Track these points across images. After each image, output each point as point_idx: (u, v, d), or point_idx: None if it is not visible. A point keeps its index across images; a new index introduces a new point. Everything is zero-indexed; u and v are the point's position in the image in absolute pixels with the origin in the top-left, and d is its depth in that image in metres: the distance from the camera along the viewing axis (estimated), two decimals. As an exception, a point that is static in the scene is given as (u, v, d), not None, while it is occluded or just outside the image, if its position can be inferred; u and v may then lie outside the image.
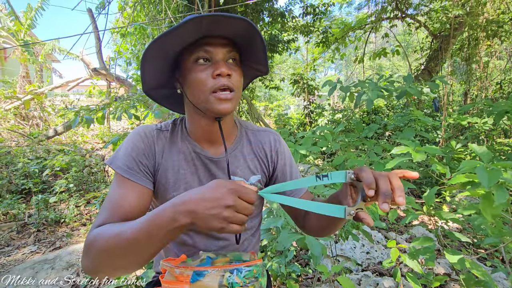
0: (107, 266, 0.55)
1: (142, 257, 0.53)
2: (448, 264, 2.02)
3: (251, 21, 0.62)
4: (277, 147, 0.83)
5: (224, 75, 0.63)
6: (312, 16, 6.02)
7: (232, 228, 0.50)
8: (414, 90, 1.59)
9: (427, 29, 5.78)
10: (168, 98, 0.79)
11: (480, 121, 3.23)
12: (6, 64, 11.33)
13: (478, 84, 6.07)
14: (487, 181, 0.76)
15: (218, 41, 0.65)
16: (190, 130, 0.76)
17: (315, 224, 0.75)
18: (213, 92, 0.64)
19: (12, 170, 3.99)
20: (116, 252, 0.53)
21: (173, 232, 0.51)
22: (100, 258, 0.55)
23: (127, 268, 0.56)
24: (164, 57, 0.65)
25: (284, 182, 0.81)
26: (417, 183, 3.73)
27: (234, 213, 0.50)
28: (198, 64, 0.65)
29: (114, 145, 2.03)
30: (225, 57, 0.66)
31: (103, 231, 0.56)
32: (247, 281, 0.65)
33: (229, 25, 0.61)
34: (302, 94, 8.88)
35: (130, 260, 0.54)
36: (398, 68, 15.90)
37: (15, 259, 2.47)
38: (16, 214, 3.17)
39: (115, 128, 8.25)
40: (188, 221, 0.50)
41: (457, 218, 1.19)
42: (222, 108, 0.65)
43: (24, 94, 6.90)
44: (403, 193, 0.45)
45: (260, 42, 0.67)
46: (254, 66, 0.76)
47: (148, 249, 0.52)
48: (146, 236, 0.51)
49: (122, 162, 0.68)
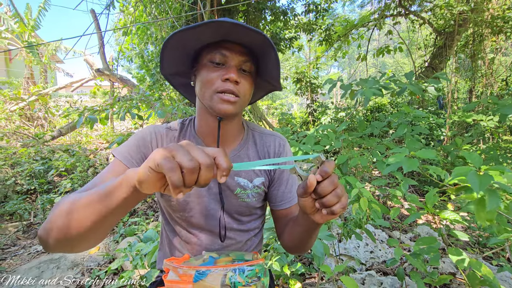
0: (60, 226, 0.49)
1: (97, 218, 0.47)
2: (453, 263, 2.00)
3: (266, 35, 0.63)
4: (281, 151, 0.83)
5: (232, 80, 0.65)
6: (315, 14, 5.99)
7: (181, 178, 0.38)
8: (415, 87, 1.56)
9: (431, 26, 5.72)
10: (184, 86, 0.83)
11: (486, 119, 3.20)
12: (11, 65, 11.46)
13: (483, 81, 6.00)
14: (478, 186, 0.75)
15: (236, 48, 0.67)
16: (198, 129, 0.78)
17: (288, 235, 0.75)
18: (218, 93, 0.66)
19: (18, 171, 4.04)
20: (71, 208, 0.49)
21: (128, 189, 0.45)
22: (54, 216, 0.50)
23: (79, 235, 0.49)
24: (183, 49, 0.68)
25: (280, 187, 0.81)
26: (421, 181, 3.70)
27: (188, 153, 0.39)
28: (213, 64, 0.68)
29: (118, 145, 2.04)
30: (239, 64, 0.68)
31: (68, 195, 0.54)
32: (250, 280, 0.65)
33: (246, 35, 0.64)
34: (305, 93, 8.84)
35: (82, 221, 0.48)
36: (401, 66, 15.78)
37: (22, 259, 2.50)
38: (22, 214, 3.20)
39: (119, 128, 8.30)
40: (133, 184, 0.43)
41: (459, 218, 1.18)
42: (223, 108, 0.67)
43: (28, 95, 6.97)
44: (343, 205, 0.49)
45: (274, 58, 0.68)
46: (270, 80, 0.78)
47: (103, 208, 0.47)
48: (105, 193, 0.46)
49: (125, 150, 0.70)
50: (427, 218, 3.09)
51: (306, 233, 0.66)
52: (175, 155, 0.39)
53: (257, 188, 0.79)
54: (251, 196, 0.79)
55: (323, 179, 0.48)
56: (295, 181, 0.84)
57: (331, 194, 0.48)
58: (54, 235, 0.50)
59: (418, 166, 1.08)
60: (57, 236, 0.50)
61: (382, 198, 3.26)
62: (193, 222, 0.77)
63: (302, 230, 0.65)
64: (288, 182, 0.82)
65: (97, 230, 0.50)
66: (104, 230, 0.51)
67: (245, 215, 0.81)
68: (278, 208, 0.81)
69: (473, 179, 0.78)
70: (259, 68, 0.74)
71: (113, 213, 0.48)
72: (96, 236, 0.51)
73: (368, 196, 1.38)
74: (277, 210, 0.82)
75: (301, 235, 0.67)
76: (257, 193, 0.80)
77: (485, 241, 2.37)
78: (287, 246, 0.78)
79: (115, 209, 0.47)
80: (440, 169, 1.16)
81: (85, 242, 0.52)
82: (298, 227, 0.66)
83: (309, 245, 0.71)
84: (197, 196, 0.75)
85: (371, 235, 1.46)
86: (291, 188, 0.82)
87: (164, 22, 4.54)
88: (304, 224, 0.62)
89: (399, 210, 1.46)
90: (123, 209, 0.47)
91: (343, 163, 1.75)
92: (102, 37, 5.70)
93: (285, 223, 0.80)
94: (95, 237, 0.52)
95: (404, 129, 1.77)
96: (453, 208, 2.78)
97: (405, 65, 17.05)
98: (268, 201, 0.84)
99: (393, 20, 5.88)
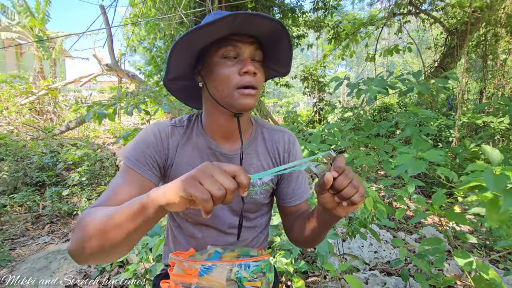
0: (94, 243, 0.52)
1: (129, 235, 0.51)
2: (459, 266, 1.98)
3: (282, 22, 0.62)
4: (290, 148, 0.83)
5: (251, 73, 0.64)
6: (324, 11, 5.93)
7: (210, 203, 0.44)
8: (422, 87, 1.53)
9: (442, 25, 5.61)
10: (184, 90, 0.80)
11: (496, 120, 3.13)
12: (22, 59, 11.64)
13: (495, 82, 5.88)
14: (493, 185, 0.73)
15: (246, 39, 0.66)
16: (206, 126, 0.77)
17: (300, 230, 0.74)
18: (238, 89, 0.65)
19: (28, 163, 4.11)
20: (104, 228, 0.51)
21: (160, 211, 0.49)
22: (87, 234, 0.52)
23: (112, 248, 0.52)
24: (190, 49, 0.66)
25: (290, 184, 0.82)
26: (428, 183, 3.66)
27: (216, 182, 0.44)
28: (225, 59, 0.66)
29: (125, 140, 2.06)
30: (252, 55, 0.67)
31: (94, 210, 0.56)
32: (255, 276, 0.66)
33: (261, 25, 0.62)
34: (312, 92, 8.79)
35: (116, 238, 0.51)
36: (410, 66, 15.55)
37: (30, 249, 2.56)
38: (31, 206, 3.27)
39: (126, 123, 8.38)
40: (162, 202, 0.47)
41: (466, 220, 1.16)
42: (245, 103, 0.66)
43: (38, 89, 7.08)
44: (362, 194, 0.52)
45: (287, 43, 0.68)
46: (273, 66, 0.77)
47: (134, 227, 0.50)
48: (133, 215, 0.50)
49: (131, 154, 0.69)
50: (433, 220, 3.06)
51: (324, 228, 0.67)
52: (203, 183, 0.44)
53: (266, 185, 0.80)
54: (259, 193, 0.79)
55: (339, 174, 0.50)
56: (305, 178, 0.85)
57: (348, 186, 0.51)
58: (89, 251, 0.53)
59: (425, 168, 1.07)
60: (92, 251, 0.53)
61: (387, 199, 3.23)
62: (199, 219, 0.78)
63: (320, 225, 0.66)
64: (298, 179, 0.82)
65: (129, 242, 0.54)
66: (136, 239, 0.54)
67: (253, 212, 0.81)
68: (288, 205, 0.82)
69: (488, 178, 0.76)
70: (267, 54, 0.73)
71: (143, 228, 0.52)
72: (129, 246, 0.55)
73: (373, 196, 1.38)
74: (287, 206, 0.82)
75: (318, 230, 0.68)
76: (265, 190, 0.80)
77: (492, 244, 2.33)
78: (298, 241, 0.79)
79: (144, 225, 0.51)
80: (448, 170, 1.14)
81: (118, 253, 0.55)
82: (315, 222, 0.67)
83: (322, 238, 0.73)
84: None
85: (376, 235, 1.45)
86: (301, 185, 0.83)
87: (173, 18, 4.55)
88: (324, 219, 0.63)
89: (405, 211, 1.44)
90: (152, 223, 0.52)
91: (349, 162, 1.74)
92: (111, 34, 5.75)
93: (295, 219, 0.80)
94: (128, 247, 0.55)
95: (412, 129, 1.75)
96: (460, 211, 2.75)
97: (414, 65, 16.77)
98: (278, 198, 0.84)
99: (403, 19, 5.78)
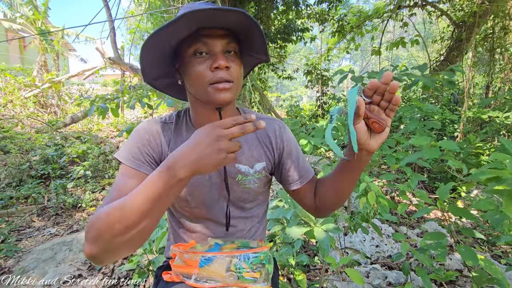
0: (109, 241, 0.51)
1: (146, 224, 0.52)
2: (460, 260, 1.98)
3: (247, 12, 0.60)
4: (282, 133, 0.83)
5: (222, 67, 0.63)
6: (328, 4, 5.85)
7: (231, 157, 0.52)
8: (427, 80, 1.51)
9: (449, 18, 5.51)
10: (171, 87, 0.80)
11: (502, 115, 3.09)
12: (25, 53, 11.66)
13: (502, 76, 5.78)
14: None
15: (216, 32, 0.64)
16: (194, 120, 0.78)
17: (330, 188, 0.77)
18: (211, 84, 0.64)
19: (33, 156, 4.16)
20: (118, 224, 0.51)
21: (177, 187, 0.52)
22: (102, 233, 0.52)
23: (131, 241, 0.53)
24: (161, 49, 0.65)
25: (291, 166, 0.82)
26: (431, 178, 3.64)
27: (227, 141, 0.51)
28: (196, 57, 0.64)
29: (127, 133, 2.07)
30: (223, 48, 0.65)
31: (104, 208, 0.55)
32: (254, 267, 0.66)
33: (226, 18, 0.61)
34: (316, 86, 8.72)
35: (133, 230, 0.51)
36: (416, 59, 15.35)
37: (36, 240, 2.60)
38: (37, 198, 3.31)
39: (129, 117, 8.41)
40: (188, 174, 0.51)
41: (471, 215, 1.15)
42: (221, 97, 0.65)
43: (42, 82, 7.11)
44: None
45: (258, 33, 0.66)
46: (254, 55, 0.76)
47: (152, 213, 0.52)
48: (150, 199, 0.51)
49: (128, 153, 0.70)
50: (436, 215, 3.05)
51: (353, 179, 0.71)
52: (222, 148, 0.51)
53: (258, 173, 0.80)
54: (252, 182, 0.79)
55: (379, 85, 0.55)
56: (304, 158, 0.86)
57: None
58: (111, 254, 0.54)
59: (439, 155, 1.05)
60: (115, 253, 0.55)
61: (390, 194, 3.23)
62: (196, 212, 0.79)
63: (346, 181, 0.71)
64: (299, 160, 0.83)
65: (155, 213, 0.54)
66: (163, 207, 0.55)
67: (248, 202, 0.82)
68: (300, 185, 0.82)
69: None
70: (243, 44, 0.71)
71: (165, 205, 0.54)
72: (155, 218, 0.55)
73: (376, 190, 1.37)
74: (300, 187, 0.82)
75: (347, 185, 0.73)
76: (259, 178, 0.80)
77: (494, 239, 2.33)
78: (326, 208, 0.81)
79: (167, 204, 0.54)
80: (459, 162, 1.12)
81: (144, 232, 0.54)
82: (340, 181, 0.73)
83: (350, 192, 0.76)
84: (198, 186, 0.76)
85: (378, 229, 1.45)
86: (303, 164, 0.84)
87: (177, 10, 4.52)
88: (351, 168, 0.67)
89: (407, 206, 1.44)
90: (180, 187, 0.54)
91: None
92: (114, 27, 5.73)
93: (313, 193, 0.83)
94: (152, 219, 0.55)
95: (416, 123, 1.74)
96: (462, 206, 2.74)
97: (419, 58, 16.56)
98: (287, 184, 0.84)
99: (409, 12, 5.68)
